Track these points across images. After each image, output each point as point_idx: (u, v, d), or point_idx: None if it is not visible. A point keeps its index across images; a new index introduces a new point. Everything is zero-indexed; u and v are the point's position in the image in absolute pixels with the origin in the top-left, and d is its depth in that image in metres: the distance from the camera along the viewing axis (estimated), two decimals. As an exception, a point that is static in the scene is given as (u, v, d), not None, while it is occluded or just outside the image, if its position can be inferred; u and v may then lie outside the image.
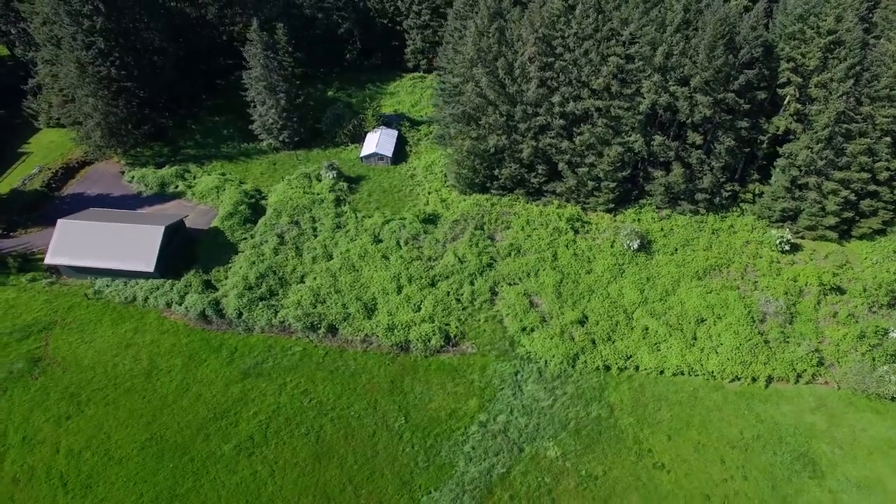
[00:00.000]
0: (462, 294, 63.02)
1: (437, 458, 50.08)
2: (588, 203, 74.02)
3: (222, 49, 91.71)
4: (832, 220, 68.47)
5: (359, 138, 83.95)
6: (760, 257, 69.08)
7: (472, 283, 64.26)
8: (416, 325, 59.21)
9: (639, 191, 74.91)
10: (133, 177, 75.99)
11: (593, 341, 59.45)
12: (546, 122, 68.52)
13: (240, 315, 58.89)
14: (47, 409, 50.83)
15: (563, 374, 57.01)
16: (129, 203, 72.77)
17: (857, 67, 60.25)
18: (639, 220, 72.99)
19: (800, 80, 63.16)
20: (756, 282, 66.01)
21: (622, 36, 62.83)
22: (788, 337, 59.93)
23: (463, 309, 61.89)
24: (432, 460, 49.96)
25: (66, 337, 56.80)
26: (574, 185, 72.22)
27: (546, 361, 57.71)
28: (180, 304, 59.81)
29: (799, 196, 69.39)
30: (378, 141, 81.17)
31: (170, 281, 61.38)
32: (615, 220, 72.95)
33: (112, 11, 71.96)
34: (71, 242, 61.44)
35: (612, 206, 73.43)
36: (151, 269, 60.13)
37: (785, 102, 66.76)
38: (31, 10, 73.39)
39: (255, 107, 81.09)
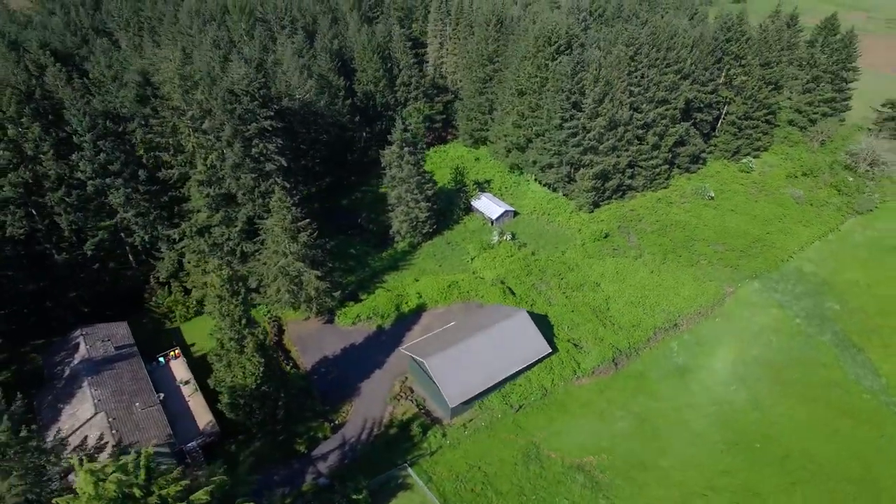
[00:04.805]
0: (682, 260, 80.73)
1: None
2: (651, 186, 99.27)
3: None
4: (757, 144, 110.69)
5: (469, 209, 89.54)
6: (743, 179, 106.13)
7: (679, 256, 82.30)
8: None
9: (669, 165, 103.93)
10: (358, 315, 66.31)
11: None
12: (633, 136, 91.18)
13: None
14: None
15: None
16: (387, 341, 64.38)
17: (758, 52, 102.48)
18: (680, 184, 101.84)
19: (736, 64, 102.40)
20: (763, 189, 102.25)
21: (668, 59, 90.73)
22: (819, 204, 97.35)
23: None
24: None
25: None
26: (648, 175, 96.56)
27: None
28: (578, 369, 60.96)
29: (740, 136, 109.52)
30: (493, 202, 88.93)
31: (556, 354, 61.24)
32: (673, 189, 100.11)
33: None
34: (457, 376, 54.84)
35: (666, 180, 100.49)
36: (550, 348, 59.34)
37: (723, 80, 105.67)
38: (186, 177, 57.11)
39: (391, 210, 79.09)
